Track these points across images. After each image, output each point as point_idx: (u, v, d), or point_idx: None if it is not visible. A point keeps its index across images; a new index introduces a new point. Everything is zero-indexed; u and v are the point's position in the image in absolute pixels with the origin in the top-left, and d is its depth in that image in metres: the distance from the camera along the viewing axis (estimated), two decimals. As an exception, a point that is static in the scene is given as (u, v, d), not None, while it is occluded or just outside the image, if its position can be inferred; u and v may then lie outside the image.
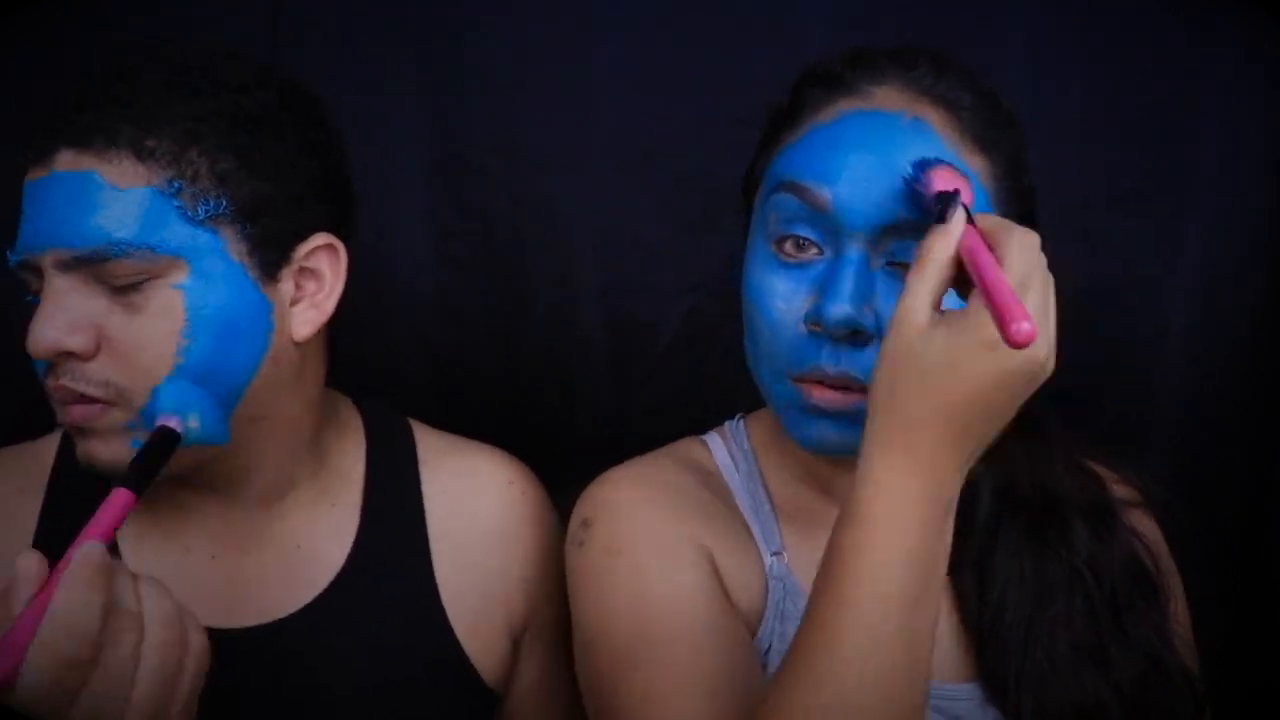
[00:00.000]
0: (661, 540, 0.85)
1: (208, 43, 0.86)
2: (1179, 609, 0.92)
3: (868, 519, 0.69)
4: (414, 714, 0.93)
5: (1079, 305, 1.23)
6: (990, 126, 0.83)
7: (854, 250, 0.79)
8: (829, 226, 0.80)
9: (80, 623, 0.64)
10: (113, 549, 0.89)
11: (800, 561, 0.89)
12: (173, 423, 0.79)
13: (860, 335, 0.79)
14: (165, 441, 0.78)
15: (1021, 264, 0.68)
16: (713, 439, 0.97)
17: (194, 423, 0.80)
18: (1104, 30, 1.20)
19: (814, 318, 0.79)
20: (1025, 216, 0.85)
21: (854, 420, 0.79)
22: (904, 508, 0.68)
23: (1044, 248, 0.89)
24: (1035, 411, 0.78)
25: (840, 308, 0.77)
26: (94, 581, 0.65)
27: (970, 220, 0.71)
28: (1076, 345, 1.24)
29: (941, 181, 0.76)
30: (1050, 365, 0.68)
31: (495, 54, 1.20)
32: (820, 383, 0.80)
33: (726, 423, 0.99)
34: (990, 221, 0.71)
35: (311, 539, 0.93)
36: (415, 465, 0.99)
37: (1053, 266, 0.91)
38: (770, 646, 0.86)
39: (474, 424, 1.06)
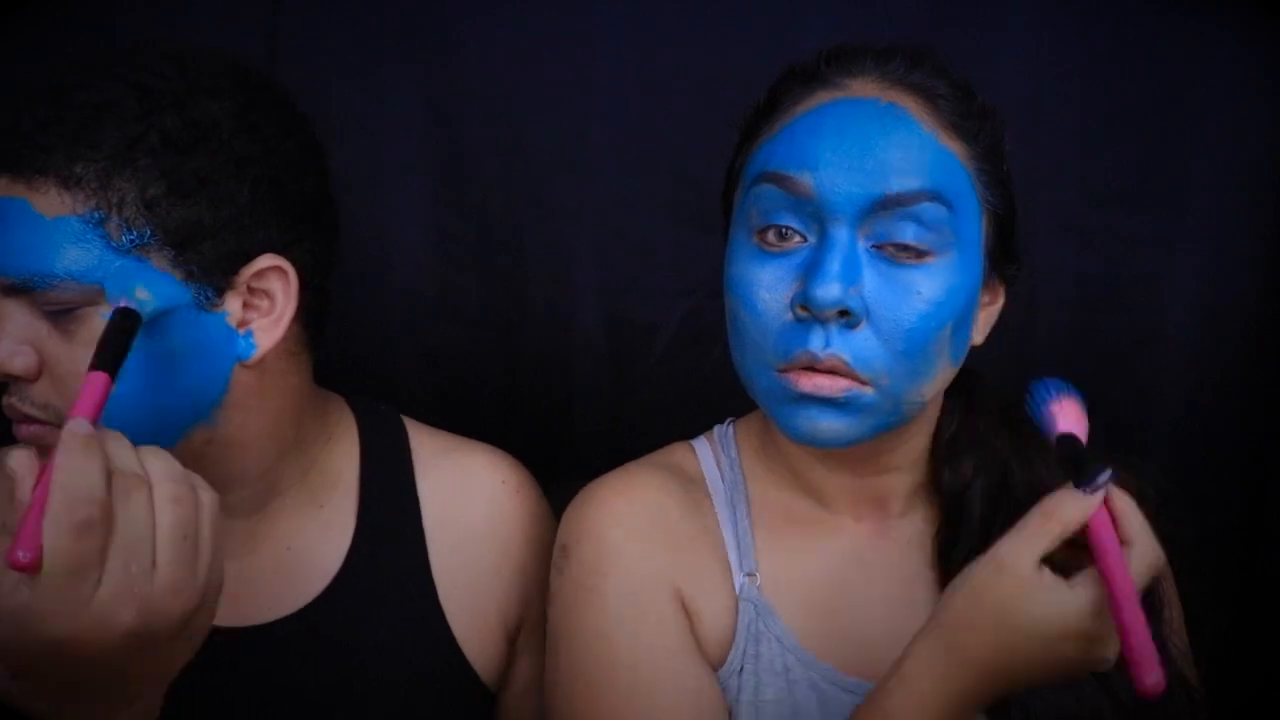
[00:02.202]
0: (630, 581, 0.85)
1: (165, 45, 0.83)
2: (1174, 616, 0.92)
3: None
4: (411, 713, 0.93)
5: (1078, 305, 1.24)
6: (966, 115, 0.83)
7: (839, 232, 0.79)
8: (812, 212, 0.79)
9: (84, 485, 0.64)
10: None
11: (775, 578, 0.88)
12: (122, 303, 0.77)
13: (849, 317, 0.78)
14: (125, 320, 0.76)
15: (1141, 578, 0.68)
16: (701, 445, 0.96)
17: (142, 294, 0.78)
18: (1104, 29, 1.20)
19: (801, 300, 0.78)
20: (1005, 200, 0.85)
21: (845, 408, 0.79)
22: None
23: (1043, 247, 0.89)
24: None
25: (829, 288, 0.77)
26: (88, 447, 0.65)
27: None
28: (1076, 344, 1.26)
29: (1065, 418, 0.75)
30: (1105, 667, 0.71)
31: (495, 54, 1.20)
32: (810, 369, 0.79)
33: (716, 427, 0.98)
34: (1123, 507, 0.71)
35: (302, 541, 0.93)
36: (410, 465, 0.98)
37: (1051, 265, 0.92)
38: (743, 668, 0.86)
39: (473, 424, 1.06)
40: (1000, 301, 0.88)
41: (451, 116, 1.22)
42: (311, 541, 0.93)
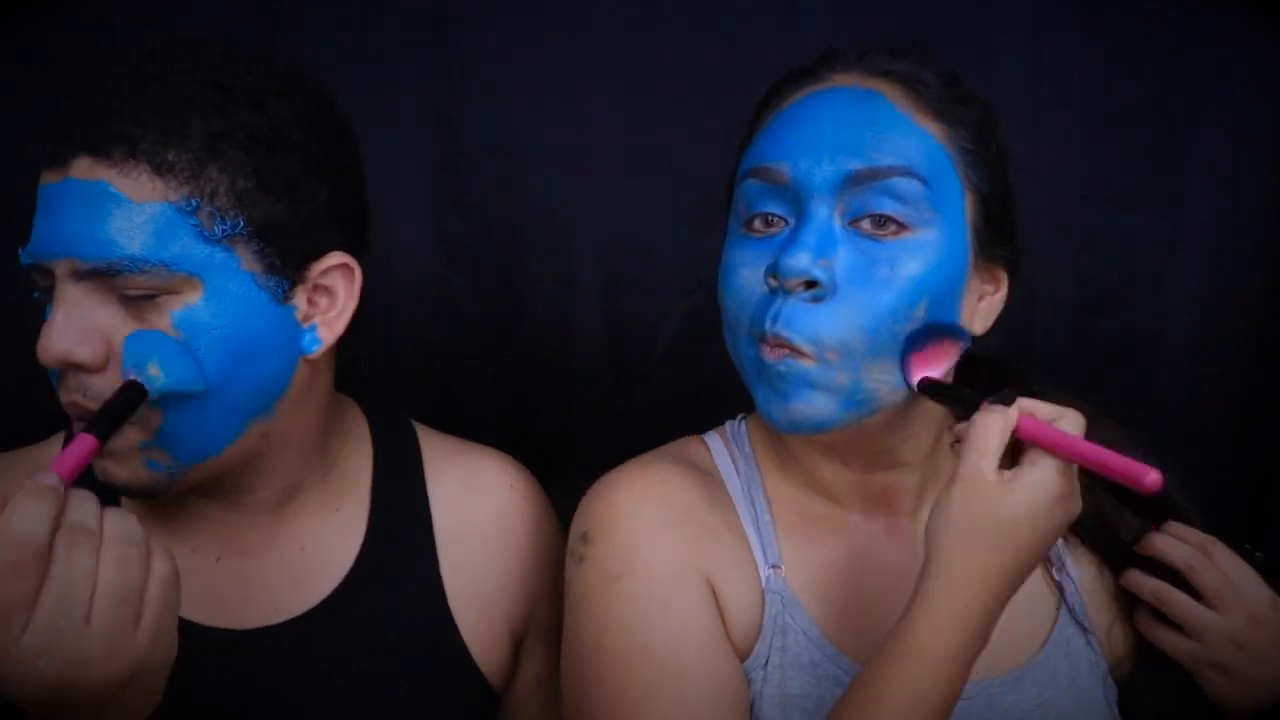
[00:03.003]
0: (660, 570, 0.85)
1: (229, 46, 0.84)
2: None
3: (928, 653, 0.75)
4: (418, 712, 0.93)
5: (1078, 305, 1.24)
6: (949, 100, 0.84)
7: (815, 209, 0.80)
8: (791, 197, 0.82)
9: (24, 529, 0.63)
10: None
11: (798, 572, 0.88)
12: (131, 376, 0.77)
13: (817, 288, 0.79)
14: (130, 393, 0.77)
15: (1082, 431, 0.76)
16: (713, 439, 0.96)
17: (154, 370, 0.78)
18: (1104, 29, 1.20)
19: (771, 270, 0.80)
20: (993, 181, 0.85)
21: (803, 382, 0.80)
22: (960, 650, 0.75)
23: (1043, 247, 0.90)
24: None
25: (798, 258, 0.78)
26: (41, 495, 0.65)
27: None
28: (1076, 345, 1.26)
29: (916, 367, 0.81)
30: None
31: (495, 54, 1.20)
32: (768, 339, 0.81)
33: (728, 422, 0.98)
34: (1029, 404, 0.77)
35: (316, 542, 0.93)
36: (421, 469, 0.99)
37: (1051, 265, 0.92)
38: (769, 660, 0.85)
39: (473, 424, 1.06)
40: (1003, 292, 0.88)
41: (451, 116, 1.22)
42: (325, 543, 0.93)
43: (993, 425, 0.75)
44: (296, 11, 1.18)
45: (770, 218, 0.83)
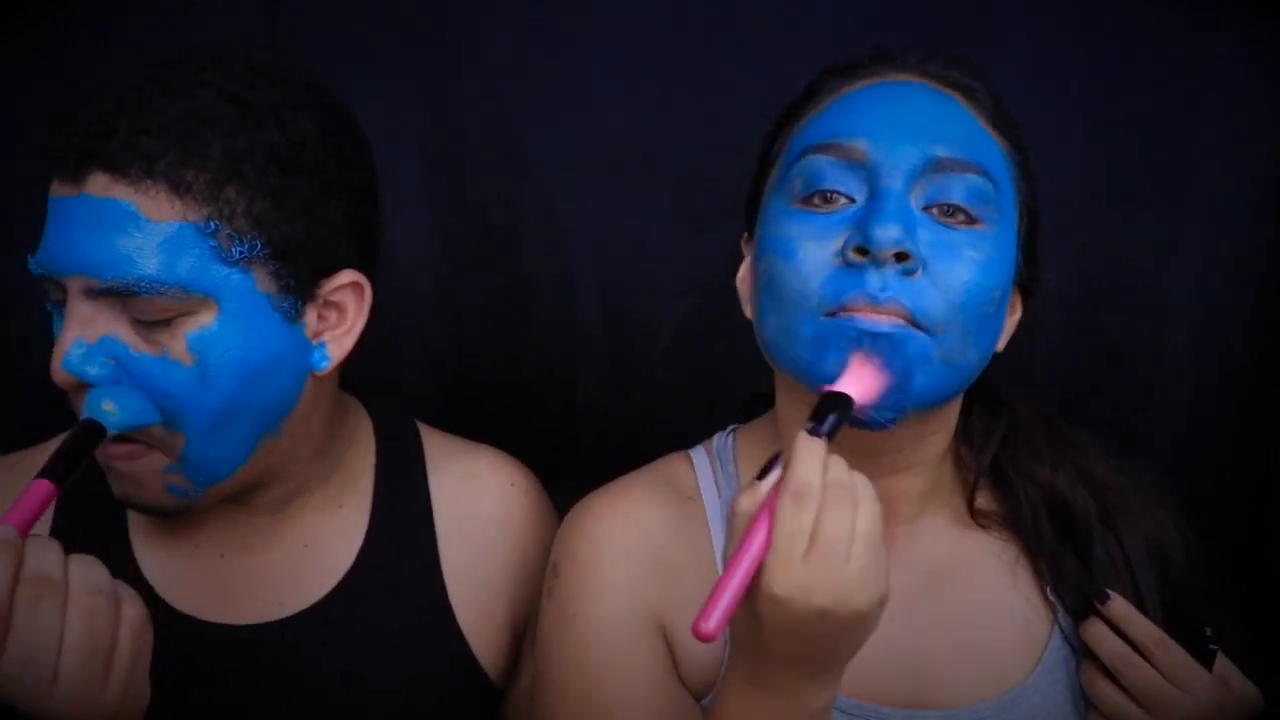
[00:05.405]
0: (611, 616, 0.85)
1: (253, 55, 0.83)
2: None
3: None
4: (420, 709, 0.93)
5: (1079, 305, 1.24)
6: (1000, 116, 0.86)
7: (894, 186, 0.78)
8: (864, 175, 0.79)
9: None
10: (116, 549, 0.88)
11: None
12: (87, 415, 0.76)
13: (908, 261, 0.76)
14: (89, 434, 0.75)
15: (806, 474, 0.67)
16: (699, 456, 0.95)
17: (109, 406, 0.77)
18: (1105, 30, 1.20)
19: (858, 242, 0.76)
20: (1034, 197, 0.87)
21: (896, 352, 0.75)
22: None
23: (1045, 247, 0.90)
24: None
25: (888, 228, 0.75)
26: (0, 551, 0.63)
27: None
28: (1076, 345, 1.26)
29: (845, 378, 0.74)
30: (884, 603, 0.69)
31: (495, 54, 1.20)
32: (867, 308, 0.76)
33: (716, 436, 0.96)
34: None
35: (319, 539, 0.94)
36: (423, 467, 0.99)
37: (1052, 265, 0.92)
38: None
39: (474, 424, 1.06)
40: (1018, 314, 0.88)
41: (451, 116, 1.22)
42: (327, 540, 0.94)
43: (735, 508, 0.69)
44: (296, 11, 1.18)
45: (832, 194, 0.80)
